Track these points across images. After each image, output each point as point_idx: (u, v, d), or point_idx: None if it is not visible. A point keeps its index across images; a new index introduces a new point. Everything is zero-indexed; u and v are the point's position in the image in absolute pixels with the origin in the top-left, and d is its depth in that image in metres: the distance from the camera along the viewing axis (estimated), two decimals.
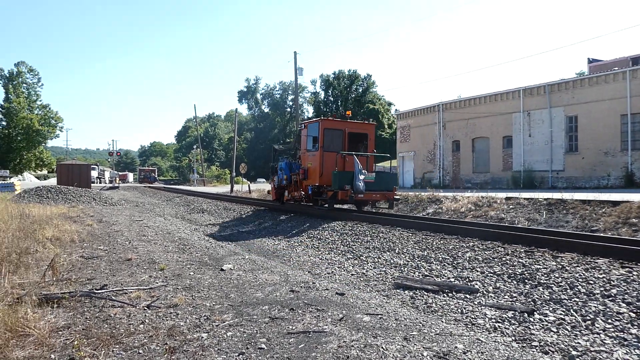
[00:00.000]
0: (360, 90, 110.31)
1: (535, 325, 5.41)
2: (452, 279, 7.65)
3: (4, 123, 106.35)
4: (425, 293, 6.89)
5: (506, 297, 6.54)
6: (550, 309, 5.86)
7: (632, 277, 6.47)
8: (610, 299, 5.88)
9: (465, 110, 33.59)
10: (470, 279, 7.54)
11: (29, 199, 23.69)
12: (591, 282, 6.55)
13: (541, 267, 7.53)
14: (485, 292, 6.82)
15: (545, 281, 6.88)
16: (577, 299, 6.03)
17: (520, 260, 8.09)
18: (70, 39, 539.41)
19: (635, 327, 5.06)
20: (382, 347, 3.92)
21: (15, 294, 5.52)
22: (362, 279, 8.21)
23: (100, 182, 73.45)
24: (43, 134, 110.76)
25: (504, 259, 8.33)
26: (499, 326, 5.43)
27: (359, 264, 9.47)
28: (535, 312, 5.77)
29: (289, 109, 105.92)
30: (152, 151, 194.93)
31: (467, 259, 8.73)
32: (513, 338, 5.07)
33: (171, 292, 5.93)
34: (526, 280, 7.07)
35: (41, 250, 8.89)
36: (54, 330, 4.48)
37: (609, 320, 5.29)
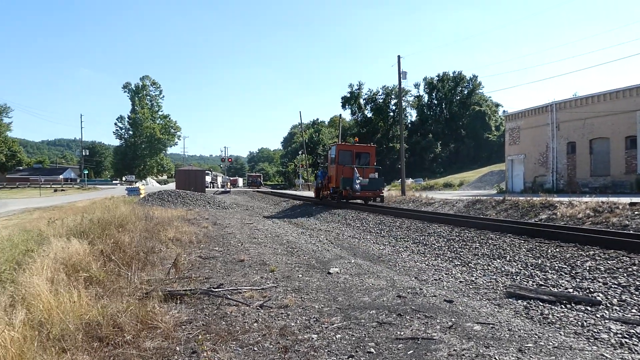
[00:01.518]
0: (465, 92, 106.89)
1: None
2: (571, 290, 7.17)
3: (130, 132, 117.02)
4: (541, 303, 6.51)
5: (634, 310, 6.00)
6: None
7: None
8: None
9: (582, 109, 31.20)
10: (591, 290, 7.01)
11: (152, 202, 25.75)
12: None
13: None
14: (609, 305, 6.30)
15: None
16: None
17: None
18: (184, 54, 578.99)
19: None
20: (495, 358, 3.79)
21: (144, 289, 6.05)
22: (471, 286, 7.95)
23: (213, 187, 77.84)
24: (164, 142, 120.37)
25: (630, 269, 7.66)
26: (626, 342, 4.99)
27: (467, 271, 9.18)
28: None
29: (391, 113, 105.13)
30: (259, 157, 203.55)
31: (587, 268, 8.13)
32: None
33: (281, 293, 6.17)
34: None
35: (164, 250, 9.65)
36: (177, 325, 4.85)
37: None
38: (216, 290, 6.11)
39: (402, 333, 4.49)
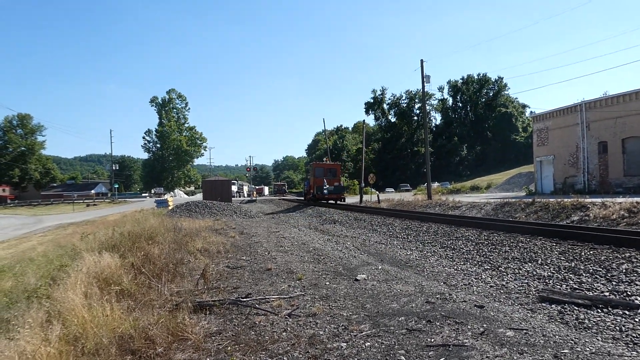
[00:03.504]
0: (491, 94, 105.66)
1: None
2: (607, 293, 6.98)
3: (158, 145, 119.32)
4: (576, 308, 6.35)
5: None
6: None
7: None
8: None
9: (613, 108, 30.44)
10: (629, 293, 6.82)
11: (180, 214, 26.11)
12: None
13: None
14: None
15: None
16: None
17: None
18: (209, 66, 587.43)
19: None
20: None
21: (174, 301, 6.13)
22: (502, 291, 7.82)
23: (239, 196, 78.55)
24: (190, 154, 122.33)
25: None
26: None
27: (498, 275, 9.03)
28: None
29: (415, 118, 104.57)
30: (284, 165, 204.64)
31: (623, 271, 7.92)
32: None
33: (309, 302, 6.17)
34: None
35: (193, 261, 9.76)
36: (207, 336, 4.90)
37: None
38: (244, 300, 6.15)
39: (432, 340, 4.43)
